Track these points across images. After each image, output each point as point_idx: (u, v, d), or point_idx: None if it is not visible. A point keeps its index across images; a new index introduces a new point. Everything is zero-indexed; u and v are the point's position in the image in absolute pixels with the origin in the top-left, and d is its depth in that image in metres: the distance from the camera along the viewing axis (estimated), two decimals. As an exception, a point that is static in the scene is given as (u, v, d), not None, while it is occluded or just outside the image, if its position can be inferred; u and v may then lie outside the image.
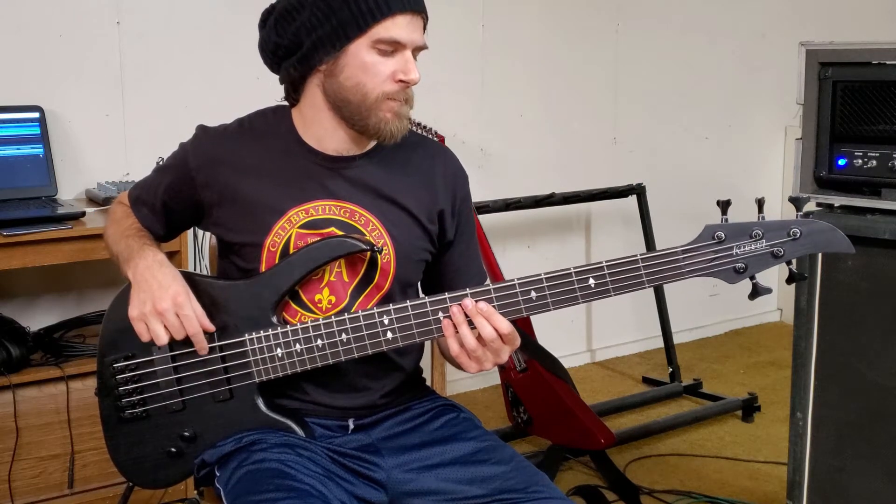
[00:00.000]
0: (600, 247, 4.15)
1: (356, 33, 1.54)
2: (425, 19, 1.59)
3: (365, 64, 1.55)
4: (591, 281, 1.48)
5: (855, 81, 2.02)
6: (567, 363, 3.31)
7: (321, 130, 1.64)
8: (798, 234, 1.45)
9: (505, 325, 1.49)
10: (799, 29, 3.74)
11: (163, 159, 2.40)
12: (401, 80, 1.56)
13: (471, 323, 1.49)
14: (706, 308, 4.47)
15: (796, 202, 1.49)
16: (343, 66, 1.56)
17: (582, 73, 3.99)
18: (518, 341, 1.53)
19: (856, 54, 2.03)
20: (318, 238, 1.60)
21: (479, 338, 1.49)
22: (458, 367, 1.55)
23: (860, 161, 2.03)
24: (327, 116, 1.62)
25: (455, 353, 1.51)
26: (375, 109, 1.57)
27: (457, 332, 1.50)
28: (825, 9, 4.52)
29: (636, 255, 1.48)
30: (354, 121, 1.60)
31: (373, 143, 1.66)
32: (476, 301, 1.49)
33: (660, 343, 3.92)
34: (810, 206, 2.11)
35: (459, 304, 1.50)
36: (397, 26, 1.53)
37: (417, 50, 1.59)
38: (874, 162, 2.01)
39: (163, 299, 1.55)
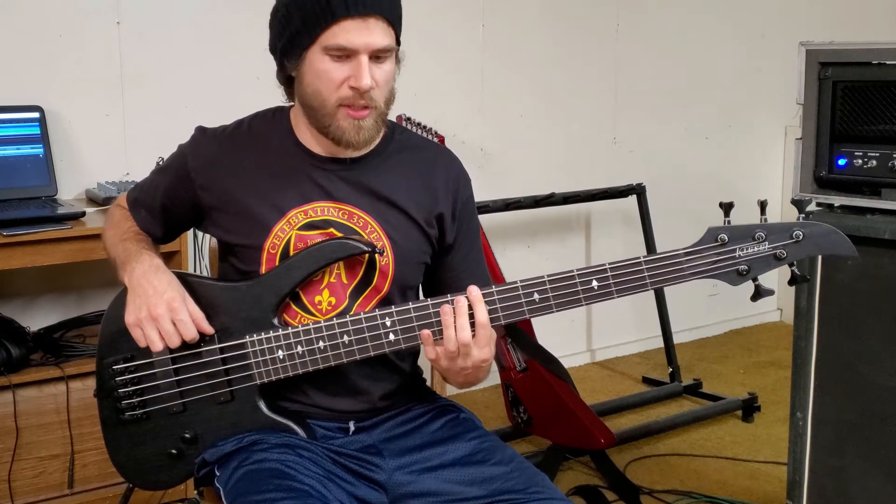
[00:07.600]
0: (600, 247, 4.15)
1: (308, 41, 1.53)
2: (389, 20, 1.53)
3: (319, 71, 1.54)
4: (595, 283, 1.48)
5: (855, 81, 2.02)
6: (567, 363, 3.31)
7: (310, 133, 1.63)
8: (801, 237, 1.45)
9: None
10: (799, 29, 3.74)
11: (163, 159, 2.40)
12: (353, 87, 1.53)
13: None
14: (706, 308, 4.47)
15: (799, 205, 1.49)
16: (304, 73, 1.56)
17: (582, 73, 3.99)
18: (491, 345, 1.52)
19: (856, 54, 2.03)
20: (319, 240, 1.60)
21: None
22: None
23: (860, 161, 2.03)
24: (308, 121, 1.63)
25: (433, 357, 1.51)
26: (332, 117, 1.55)
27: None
28: (825, 9, 4.52)
29: (639, 258, 1.47)
30: (319, 127, 1.59)
31: (369, 147, 1.65)
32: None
33: (660, 343, 3.92)
34: (811, 207, 2.11)
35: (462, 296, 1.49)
36: (344, 31, 1.50)
37: (380, 52, 1.53)
38: (874, 162, 2.01)
39: (158, 305, 1.54)
